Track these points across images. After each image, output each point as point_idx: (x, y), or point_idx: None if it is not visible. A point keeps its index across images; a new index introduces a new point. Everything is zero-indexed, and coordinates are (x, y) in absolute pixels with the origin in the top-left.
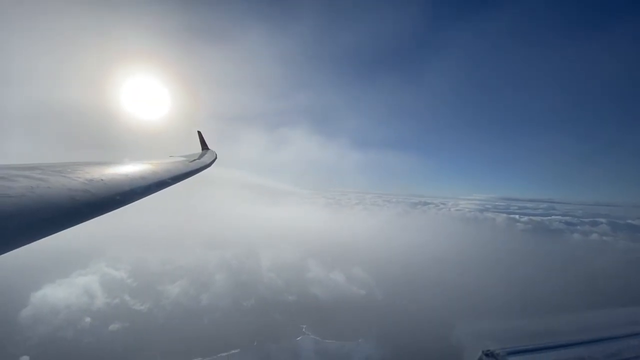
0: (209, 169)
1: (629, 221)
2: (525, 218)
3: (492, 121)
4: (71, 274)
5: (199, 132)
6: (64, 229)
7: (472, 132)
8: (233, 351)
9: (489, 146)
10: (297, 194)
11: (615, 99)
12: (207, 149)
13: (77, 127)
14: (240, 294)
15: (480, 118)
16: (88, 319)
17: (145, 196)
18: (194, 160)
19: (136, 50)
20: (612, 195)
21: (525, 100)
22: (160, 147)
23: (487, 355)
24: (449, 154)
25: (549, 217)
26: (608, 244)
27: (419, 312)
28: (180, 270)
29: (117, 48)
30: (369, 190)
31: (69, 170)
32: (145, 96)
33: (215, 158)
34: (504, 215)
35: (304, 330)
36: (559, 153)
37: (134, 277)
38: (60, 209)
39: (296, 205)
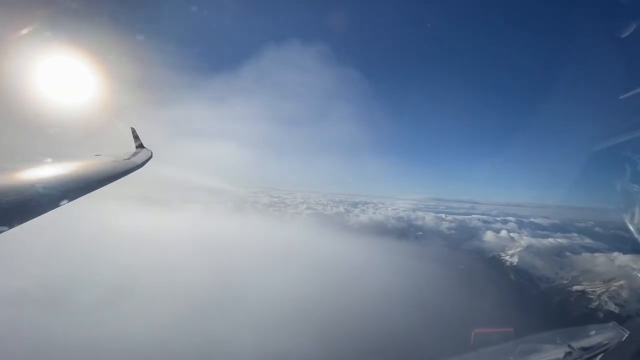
0: (142, 168)
1: (532, 219)
2: (450, 217)
3: (427, 127)
4: None
5: (133, 129)
6: None
7: (410, 137)
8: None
9: (424, 149)
10: (233, 192)
11: (521, 108)
12: (142, 147)
13: None
14: (170, 300)
15: (418, 124)
16: None
17: (58, 205)
18: (125, 160)
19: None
20: (520, 196)
21: (449, 108)
22: (86, 147)
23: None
24: (389, 155)
25: (470, 216)
26: (514, 239)
27: (352, 309)
28: (100, 280)
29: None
30: (313, 189)
31: None
32: (61, 86)
33: (150, 157)
34: (433, 214)
35: (242, 332)
36: (479, 156)
37: (41, 287)
38: None
39: (233, 205)
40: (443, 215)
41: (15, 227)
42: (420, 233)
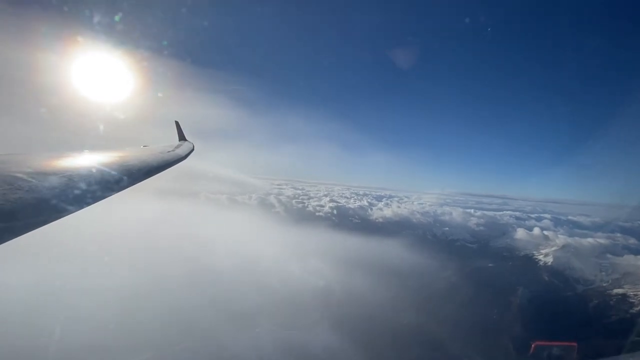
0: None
1: (570, 217)
2: (479, 212)
3: (457, 121)
4: None
5: (177, 122)
6: None
7: (439, 130)
8: (187, 344)
9: (454, 142)
10: (258, 185)
11: (565, 102)
12: (185, 140)
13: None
14: (194, 286)
15: (447, 118)
16: None
17: (113, 194)
18: (169, 152)
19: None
20: (559, 192)
21: (487, 103)
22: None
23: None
24: (417, 148)
25: (501, 212)
26: (548, 238)
27: (373, 301)
28: (126, 267)
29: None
30: (338, 182)
31: None
32: (105, 82)
33: (193, 149)
34: (460, 209)
35: (263, 321)
36: (515, 150)
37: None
38: None
39: (257, 197)
40: (472, 211)
41: (70, 215)
42: (447, 228)
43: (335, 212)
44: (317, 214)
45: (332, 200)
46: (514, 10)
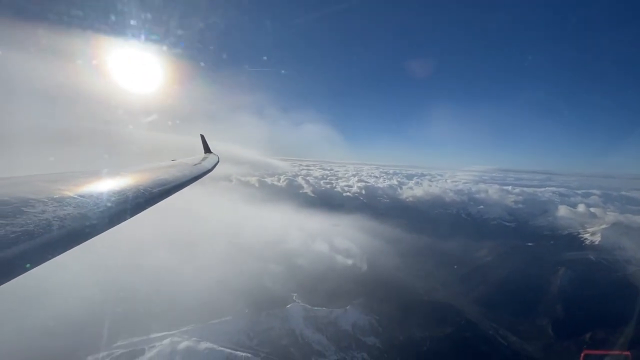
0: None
1: (623, 192)
2: (518, 189)
3: (497, 96)
4: None
5: (202, 136)
6: (48, 259)
7: (476, 105)
8: (225, 318)
9: (494, 119)
10: (285, 168)
11: (616, 74)
12: (210, 152)
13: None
14: (230, 265)
15: (485, 93)
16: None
17: (146, 208)
18: (196, 164)
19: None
20: (613, 166)
21: (530, 75)
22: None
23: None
24: (453, 126)
25: (543, 189)
26: (595, 215)
27: (403, 280)
28: (165, 241)
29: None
30: (367, 161)
31: (42, 184)
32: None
33: (218, 162)
34: (497, 186)
35: (294, 298)
36: (562, 126)
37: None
38: (35, 239)
39: (286, 178)
40: (509, 188)
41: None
42: (482, 207)
43: (363, 192)
44: (345, 194)
45: (360, 180)
46: None
